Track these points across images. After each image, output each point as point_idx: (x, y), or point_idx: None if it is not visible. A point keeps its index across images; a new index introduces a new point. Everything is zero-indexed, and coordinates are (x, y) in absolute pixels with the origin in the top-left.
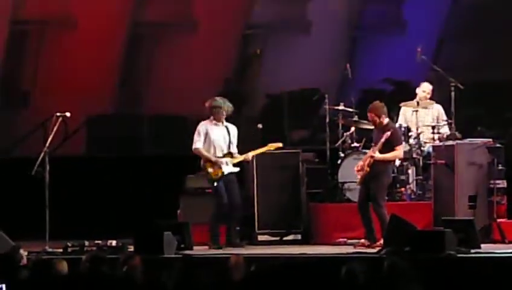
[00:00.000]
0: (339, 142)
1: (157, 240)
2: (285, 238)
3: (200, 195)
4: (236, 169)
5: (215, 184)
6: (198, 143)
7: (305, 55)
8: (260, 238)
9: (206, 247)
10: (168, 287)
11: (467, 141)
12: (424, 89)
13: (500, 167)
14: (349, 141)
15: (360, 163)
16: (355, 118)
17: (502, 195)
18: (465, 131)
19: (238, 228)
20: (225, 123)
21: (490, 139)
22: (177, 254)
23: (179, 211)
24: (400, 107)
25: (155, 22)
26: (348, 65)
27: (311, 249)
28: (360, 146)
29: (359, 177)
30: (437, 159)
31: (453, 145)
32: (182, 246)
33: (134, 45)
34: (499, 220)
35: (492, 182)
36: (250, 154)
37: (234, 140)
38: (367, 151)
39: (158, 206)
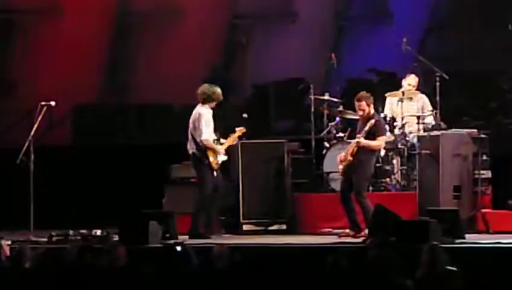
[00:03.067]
0: (324, 132)
1: (142, 229)
2: (270, 228)
3: (185, 185)
4: (226, 157)
5: (215, 174)
6: (207, 134)
7: (292, 45)
8: (245, 228)
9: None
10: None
11: (451, 131)
12: (410, 82)
13: (484, 158)
14: (334, 131)
15: (343, 153)
16: (341, 108)
17: (486, 185)
18: (450, 121)
19: (223, 218)
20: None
21: (475, 130)
22: (162, 244)
23: (163, 201)
24: (385, 98)
25: (142, 11)
26: (333, 55)
27: (296, 239)
28: (345, 136)
29: (342, 167)
30: (422, 149)
31: (437, 136)
32: (167, 235)
33: (121, 34)
34: (483, 210)
35: (477, 172)
36: (235, 136)
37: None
38: (352, 141)
39: (143, 196)
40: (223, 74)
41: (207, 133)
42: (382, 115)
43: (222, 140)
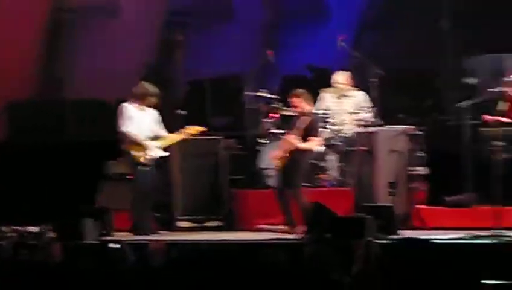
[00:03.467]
0: (260, 128)
1: (78, 226)
2: (205, 225)
3: (121, 181)
4: (166, 153)
5: (139, 168)
6: (126, 127)
7: (228, 42)
8: (181, 224)
9: (127, 233)
10: (87, 274)
11: (387, 128)
12: (337, 79)
13: (420, 154)
14: (270, 128)
15: (277, 151)
16: (277, 105)
17: (421, 182)
18: (386, 118)
19: (158, 214)
20: (149, 109)
21: (411, 127)
22: (97, 240)
23: (99, 197)
24: (320, 94)
25: (77, 7)
26: (269, 52)
27: (232, 235)
28: (281, 133)
29: (277, 164)
30: (358, 145)
31: (373, 132)
32: (103, 232)
33: (56, 30)
34: (418, 206)
35: (412, 169)
36: (183, 134)
37: (157, 124)
38: (286, 137)
39: (79, 192)
40: (159, 71)
41: (125, 125)
42: (318, 111)
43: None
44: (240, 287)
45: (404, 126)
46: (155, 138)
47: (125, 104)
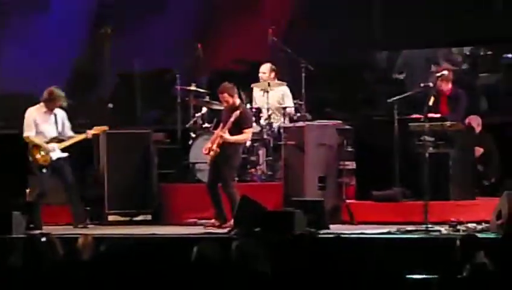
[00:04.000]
0: (191, 122)
1: (6, 219)
2: (135, 219)
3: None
4: (65, 154)
5: (44, 171)
6: (30, 131)
7: (158, 35)
8: (110, 218)
9: (56, 227)
10: (15, 268)
11: (316, 122)
12: (264, 70)
13: (349, 149)
14: (201, 122)
15: (208, 145)
16: (207, 99)
17: (350, 176)
18: (315, 112)
19: (88, 208)
20: (58, 110)
21: (339, 121)
22: (25, 234)
23: (27, 191)
24: (252, 89)
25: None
26: (199, 45)
27: (162, 229)
28: (211, 127)
29: (209, 158)
30: (287, 140)
31: (302, 127)
32: (31, 226)
33: None
34: (347, 201)
35: (341, 163)
36: (75, 139)
37: (66, 124)
38: (216, 132)
39: (7, 186)
40: (88, 64)
41: (28, 131)
42: (248, 106)
43: (67, 137)
44: (169, 281)
45: (333, 121)
46: (60, 139)
47: (30, 109)
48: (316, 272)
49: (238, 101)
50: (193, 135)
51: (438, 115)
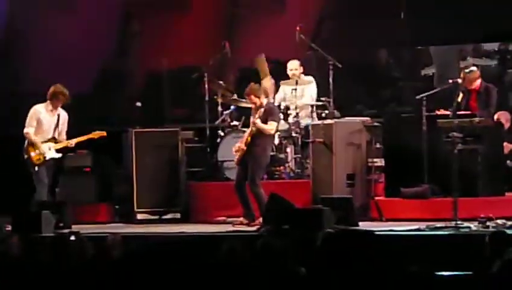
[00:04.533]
0: (219, 120)
1: (35, 219)
2: (164, 217)
3: (78, 174)
4: (58, 155)
5: (36, 169)
6: (30, 128)
7: (186, 33)
8: (139, 217)
9: (85, 225)
10: (45, 267)
11: (345, 119)
12: (291, 67)
13: (377, 146)
14: (229, 120)
15: (238, 144)
16: (235, 97)
17: (379, 173)
18: (344, 110)
19: (117, 207)
20: (58, 110)
21: (368, 118)
22: (54, 233)
23: (57, 190)
24: (279, 86)
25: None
26: (227, 44)
27: (190, 227)
28: (239, 124)
29: (236, 157)
30: (315, 137)
31: (331, 124)
32: (60, 225)
33: (13, 23)
34: (376, 198)
35: (370, 160)
36: (73, 141)
37: (63, 127)
38: (246, 129)
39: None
40: (116, 63)
41: (29, 127)
42: (276, 103)
43: (61, 139)
44: (198, 279)
45: (362, 118)
46: (57, 140)
47: (36, 106)
48: (345, 269)
49: (265, 101)
50: (221, 133)
51: (467, 112)
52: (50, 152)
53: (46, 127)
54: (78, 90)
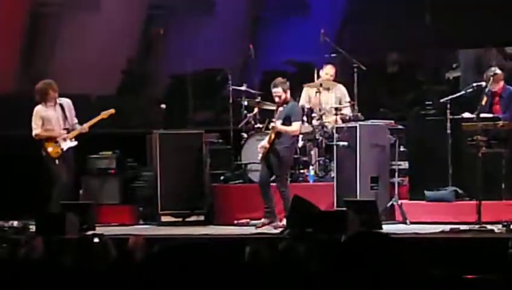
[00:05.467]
0: (242, 123)
1: (59, 220)
2: (188, 219)
3: (102, 175)
4: (74, 143)
5: (57, 162)
6: (37, 129)
7: (209, 35)
8: (163, 219)
9: (109, 227)
10: (68, 268)
11: (369, 122)
12: (327, 71)
13: (401, 149)
14: (253, 122)
15: (263, 142)
16: (259, 99)
17: (403, 176)
18: (368, 112)
19: (141, 209)
20: (58, 100)
21: (392, 121)
22: (78, 235)
23: (81, 192)
24: (302, 88)
25: (58, 1)
26: (251, 46)
27: (214, 230)
28: (263, 127)
29: (260, 155)
30: (339, 140)
31: (355, 127)
32: (84, 227)
33: (36, 25)
34: (400, 201)
35: (394, 163)
36: (86, 126)
37: (71, 113)
38: (271, 130)
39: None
40: (140, 65)
41: (36, 129)
42: (299, 105)
43: (76, 126)
44: (222, 282)
45: (386, 120)
46: (70, 129)
47: (36, 107)
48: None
49: (289, 97)
50: (245, 136)
51: (491, 115)
52: (66, 143)
53: (54, 122)
54: (102, 92)
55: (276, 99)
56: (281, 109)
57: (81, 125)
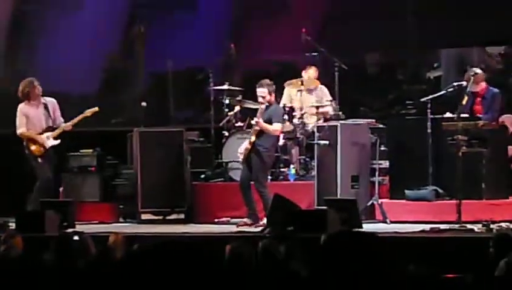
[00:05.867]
0: (224, 121)
1: (39, 218)
2: (168, 217)
3: (82, 173)
4: (57, 142)
5: (39, 160)
6: (21, 128)
7: (191, 34)
8: (143, 217)
9: (89, 225)
10: (48, 266)
11: (350, 121)
12: (310, 75)
13: (382, 148)
14: (234, 121)
15: (245, 143)
16: (240, 98)
17: (384, 175)
18: (349, 111)
19: (121, 206)
20: (42, 99)
21: (373, 120)
22: (58, 233)
23: (61, 189)
24: (283, 87)
25: (40, 0)
26: (233, 45)
27: (195, 228)
28: (244, 125)
29: (241, 156)
30: (320, 139)
31: (336, 126)
32: (64, 224)
33: (18, 24)
34: (380, 200)
35: (374, 162)
36: (69, 124)
37: (56, 113)
38: (251, 130)
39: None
40: (122, 63)
41: (20, 127)
42: (281, 104)
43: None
44: (201, 280)
45: (367, 120)
46: (53, 128)
47: (20, 105)
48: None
49: (272, 99)
50: (226, 134)
51: (471, 115)
52: (49, 141)
53: (37, 120)
54: (84, 91)
55: (260, 99)
56: (263, 108)
57: (64, 124)
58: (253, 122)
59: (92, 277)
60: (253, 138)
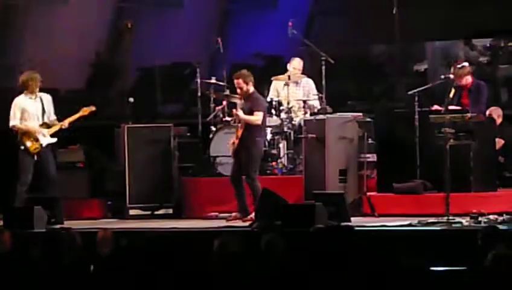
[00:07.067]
0: (211, 116)
1: (27, 214)
2: (156, 213)
3: (71, 169)
4: (54, 139)
5: (35, 158)
6: (15, 120)
7: (178, 28)
8: (131, 212)
9: (77, 221)
10: (36, 262)
11: (337, 115)
12: (295, 66)
13: (370, 141)
14: (221, 115)
15: (234, 138)
16: (227, 92)
17: (371, 169)
18: (336, 105)
19: (109, 202)
20: (39, 94)
21: (360, 114)
22: (46, 229)
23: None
24: (271, 81)
25: None
26: (219, 39)
27: (183, 223)
28: (231, 120)
29: (230, 150)
30: (308, 133)
31: (323, 120)
32: (52, 220)
33: (4, 18)
34: (368, 193)
35: (362, 156)
36: (66, 122)
37: (50, 108)
38: (238, 125)
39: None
40: (108, 58)
41: (14, 119)
42: (268, 98)
43: (54, 122)
44: (191, 274)
45: (354, 113)
46: (49, 125)
47: (17, 98)
48: (336, 265)
49: (252, 89)
50: (214, 129)
51: (459, 107)
52: (45, 138)
53: (32, 114)
54: (71, 86)
55: (238, 90)
56: (243, 101)
57: (61, 122)
58: (233, 113)
59: (80, 273)
60: (240, 132)
